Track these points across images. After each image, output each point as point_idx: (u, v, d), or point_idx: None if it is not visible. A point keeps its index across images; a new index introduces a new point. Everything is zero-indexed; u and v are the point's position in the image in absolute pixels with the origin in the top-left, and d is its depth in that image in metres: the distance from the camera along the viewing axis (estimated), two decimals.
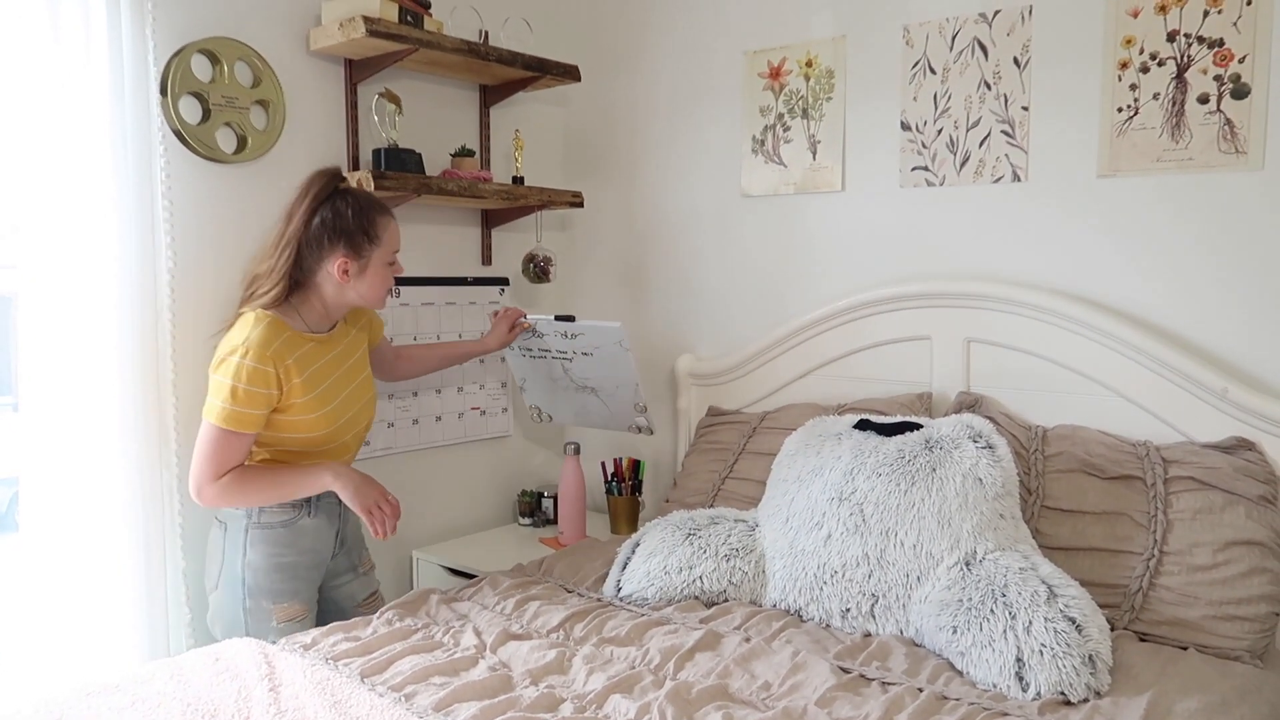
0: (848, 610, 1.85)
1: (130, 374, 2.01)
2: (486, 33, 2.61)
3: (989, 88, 2.25)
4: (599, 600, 2.02)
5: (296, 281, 1.97)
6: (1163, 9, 2.03)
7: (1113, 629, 1.77)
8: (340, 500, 2.02)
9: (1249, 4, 1.93)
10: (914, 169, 2.37)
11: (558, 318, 2.46)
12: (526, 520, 2.87)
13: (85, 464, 1.97)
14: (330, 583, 2.12)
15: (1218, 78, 1.97)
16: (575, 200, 2.77)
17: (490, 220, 2.82)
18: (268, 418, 1.91)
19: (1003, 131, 2.24)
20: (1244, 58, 1.94)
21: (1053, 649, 1.56)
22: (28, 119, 1.88)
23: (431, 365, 2.44)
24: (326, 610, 2.13)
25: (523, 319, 2.49)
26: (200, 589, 2.11)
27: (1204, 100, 1.99)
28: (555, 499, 2.80)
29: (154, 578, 2.06)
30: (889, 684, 1.61)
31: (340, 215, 1.94)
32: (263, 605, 1.96)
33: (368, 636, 1.80)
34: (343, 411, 2.02)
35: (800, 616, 1.91)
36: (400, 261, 2.06)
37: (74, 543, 1.97)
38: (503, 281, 2.87)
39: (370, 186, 2.26)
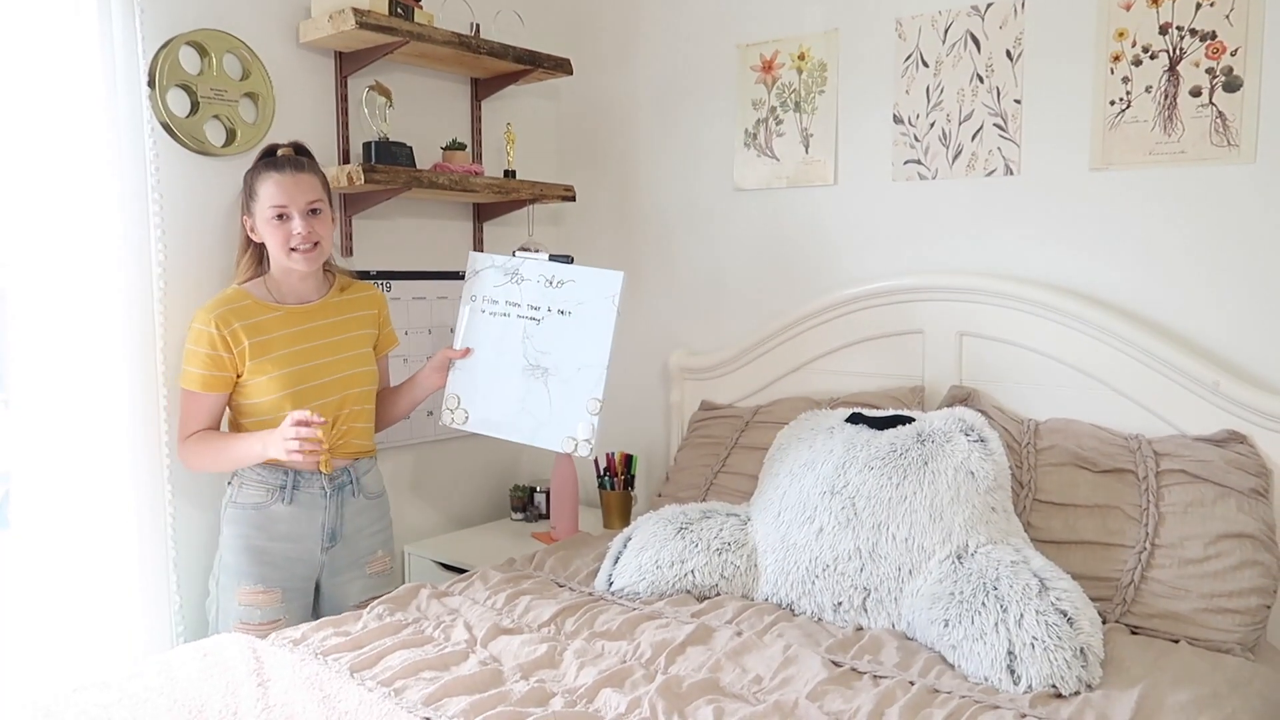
0: (839, 604, 1.85)
1: (121, 368, 2.00)
2: (478, 25, 2.60)
3: (981, 81, 2.24)
4: (590, 595, 2.02)
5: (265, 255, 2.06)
6: (1155, 1, 2.02)
7: (1104, 622, 1.77)
8: (327, 492, 2.04)
9: None
10: (906, 162, 2.37)
11: (552, 257, 2.15)
12: (518, 515, 2.86)
13: (76, 459, 1.96)
14: (331, 580, 2.10)
15: (1210, 70, 1.97)
16: (567, 194, 2.76)
17: (482, 214, 2.81)
18: (231, 382, 1.98)
19: (995, 125, 2.23)
20: (1236, 50, 1.94)
21: (1044, 642, 1.56)
22: (17, 113, 1.87)
23: (397, 413, 2.26)
24: (327, 607, 2.11)
25: (520, 250, 2.22)
26: (189, 578, 2.16)
27: (1196, 93, 1.99)
28: (547, 494, 2.80)
29: (148, 572, 2.06)
30: (880, 677, 1.61)
31: (244, 177, 2.04)
32: (230, 584, 2.01)
33: (358, 631, 1.79)
34: (300, 380, 2.00)
35: (792, 610, 1.91)
36: (298, 221, 1.95)
37: (66, 539, 1.96)
38: None
39: (360, 180, 2.25)
